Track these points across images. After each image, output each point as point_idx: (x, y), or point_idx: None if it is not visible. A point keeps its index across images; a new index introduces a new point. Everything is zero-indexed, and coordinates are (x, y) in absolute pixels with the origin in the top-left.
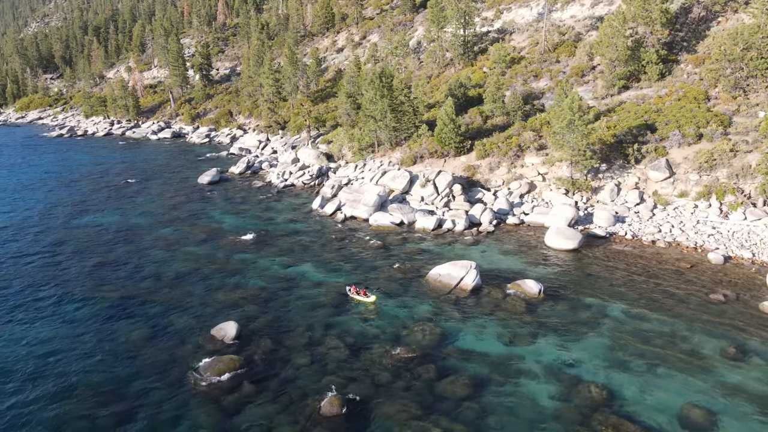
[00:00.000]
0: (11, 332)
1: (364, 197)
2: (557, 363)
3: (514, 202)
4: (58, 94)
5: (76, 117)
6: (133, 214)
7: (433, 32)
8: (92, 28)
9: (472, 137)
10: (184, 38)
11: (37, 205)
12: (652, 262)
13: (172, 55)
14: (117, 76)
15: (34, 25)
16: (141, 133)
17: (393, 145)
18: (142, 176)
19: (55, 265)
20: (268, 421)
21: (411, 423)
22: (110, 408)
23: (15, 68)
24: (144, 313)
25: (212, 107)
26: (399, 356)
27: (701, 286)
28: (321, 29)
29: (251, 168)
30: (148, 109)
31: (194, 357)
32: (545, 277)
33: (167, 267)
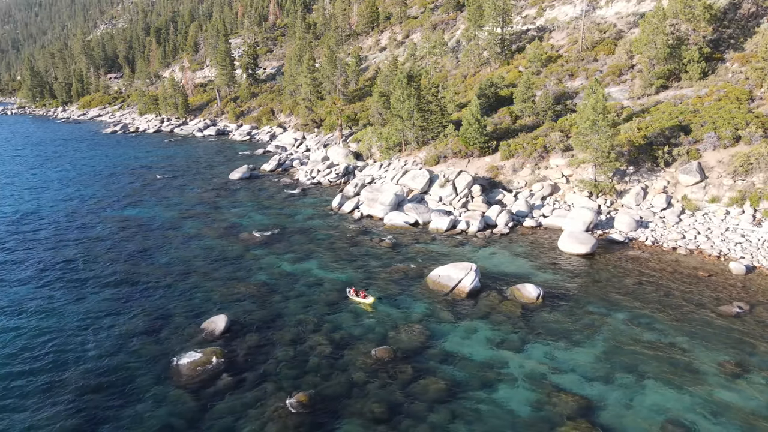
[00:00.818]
0: (8, 310)
1: (380, 196)
2: (541, 371)
3: (534, 204)
4: (117, 93)
5: (132, 114)
6: (160, 207)
7: (470, 31)
8: (154, 29)
9: (500, 137)
10: (235, 38)
11: (75, 196)
12: (667, 270)
13: (219, 54)
14: (171, 75)
15: (102, 27)
16: (188, 130)
17: (420, 144)
18: (177, 172)
19: (72, 250)
20: (236, 414)
21: (373, 424)
22: (89, 391)
23: (81, 68)
24: (144, 301)
25: (256, 105)
26: (379, 356)
27: (715, 297)
28: (365, 28)
29: (282, 165)
30: (196, 107)
31: (181, 348)
32: (550, 282)
33: (178, 259)
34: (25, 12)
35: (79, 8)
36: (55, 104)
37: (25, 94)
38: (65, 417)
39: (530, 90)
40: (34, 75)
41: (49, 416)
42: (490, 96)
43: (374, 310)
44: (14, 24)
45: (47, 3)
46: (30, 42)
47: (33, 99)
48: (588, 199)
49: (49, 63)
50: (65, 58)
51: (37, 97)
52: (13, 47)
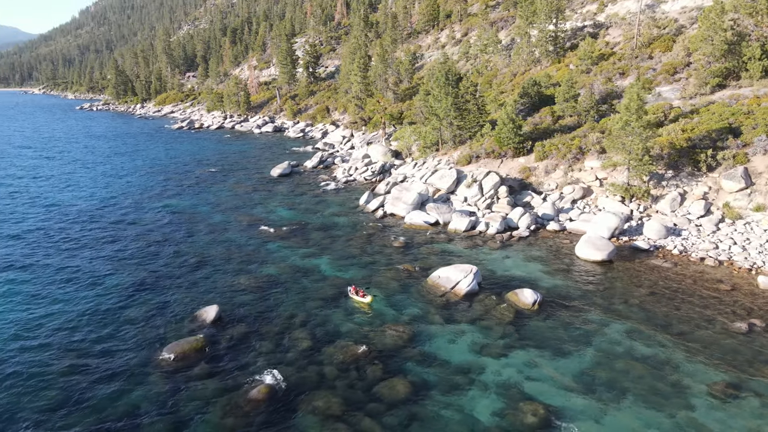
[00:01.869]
0: (19, 289)
1: (403, 195)
2: (516, 379)
3: (563, 208)
4: (189, 91)
5: (200, 111)
6: (197, 199)
7: (522, 28)
8: (230, 29)
9: (537, 138)
10: (301, 37)
11: (123, 187)
12: (686, 282)
13: (281, 53)
14: (241, 74)
15: (185, 28)
16: (247, 126)
17: (456, 143)
18: (225, 167)
19: (102, 233)
20: (203, 401)
21: (329, 420)
22: (74, 371)
23: (161, 67)
24: (151, 286)
25: (313, 103)
26: (354, 353)
27: (731, 312)
28: (425, 27)
29: (324, 162)
30: (258, 104)
31: (171, 334)
32: (555, 288)
33: (196, 249)
34: (119, 14)
35: (167, 10)
36: (136, 101)
37: (110, 91)
38: (43, 386)
39: (573, 89)
40: (119, 74)
41: (26, 383)
42: (532, 95)
43: (371, 309)
44: (109, 26)
45: (139, 5)
46: (122, 43)
47: (117, 96)
48: (621, 204)
49: (132, 62)
50: (147, 58)
51: (120, 95)
52: (107, 48)
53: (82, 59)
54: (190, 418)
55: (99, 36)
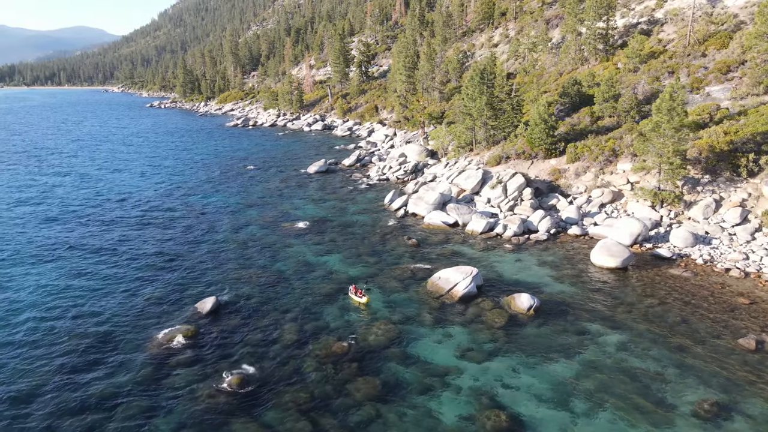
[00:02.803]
0: (35, 270)
1: (426, 195)
2: (493, 385)
3: (589, 212)
4: (250, 89)
5: (257, 109)
6: (232, 194)
7: (570, 25)
8: (294, 29)
9: (573, 139)
10: (359, 36)
11: (168, 179)
12: (703, 293)
13: (334, 52)
14: (290, 73)
15: (253, 28)
16: (298, 125)
17: (489, 144)
18: (267, 163)
19: (132, 223)
20: (179, 388)
21: (292, 414)
22: (66, 353)
23: (227, 66)
24: (161, 274)
25: (363, 102)
26: (335, 350)
27: (743, 327)
28: (479, 25)
29: (361, 161)
30: (310, 103)
31: (168, 323)
32: (558, 294)
33: (215, 241)
34: (193, 16)
35: (237, 12)
36: (201, 99)
37: (178, 90)
38: (35, 360)
39: (613, 89)
40: (186, 73)
41: (23, 356)
42: (573, 95)
43: (367, 309)
44: (184, 27)
45: (212, 7)
46: (195, 43)
47: (184, 94)
48: (651, 210)
49: (199, 62)
50: (214, 58)
51: (187, 93)
52: (181, 48)
53: (159, 59)
54: (162, 403)
55: (175, 37)
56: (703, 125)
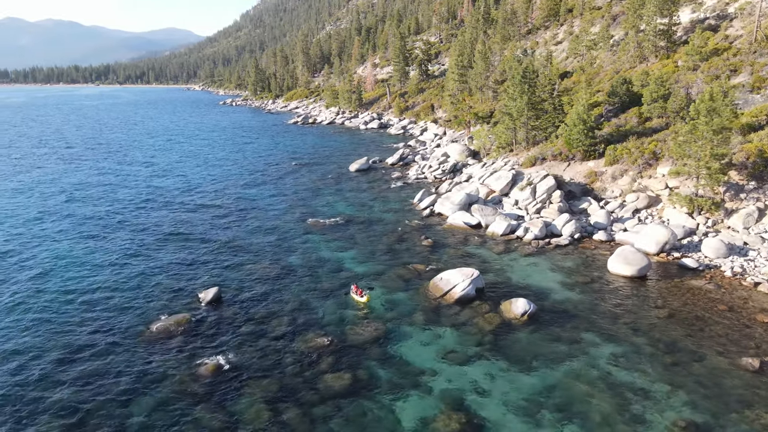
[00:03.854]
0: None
1: (453, 195)
2: (466, 389)
3: (621, 217)
4: (315, 88)
5: (320, 107)
6: (270, 189)
7: (630, 21)
8: (365, 29)
9: (616, 141)
10: (424, 35)
11: (215, 174)
12: (719, 307)
13: (394, 51)
14: (364, 71)
15: (328, 28)
16: (356, 123)
17: (529, 144)
18: (313, 160)
19: (164, 212)
20: (159, 373)
21: (259, 404)
22: (66, 330)
23: (297, 65)
24: (175, 263)
25: (420, 101)
26: (315, 344)
27: (753, 346)
28: (545, 22)
29: (404, 159)
30: (369, 101)
31: (169, 308)
32: (562, 301)
33: (238, 234)
34: (272, 17)
35: (314, 12)
36: (270, 97)
37: (249, 88)
38: (34, 330)
39: (662, 88)
40: (258, 72)
41: (25, 325)
42: (621, 95)
43: (367, 308)
44: (263, 28)
45: (290, 8)
46: (273, 43)
47: (254, 92)
48: (687, 217)
49: (271, 61)
50: (286, 57)
51: (258, 91)
52: (259, 48)
53: (238, 59)
54: (138, 385)
55: (254, 37)
56: (757, 127)
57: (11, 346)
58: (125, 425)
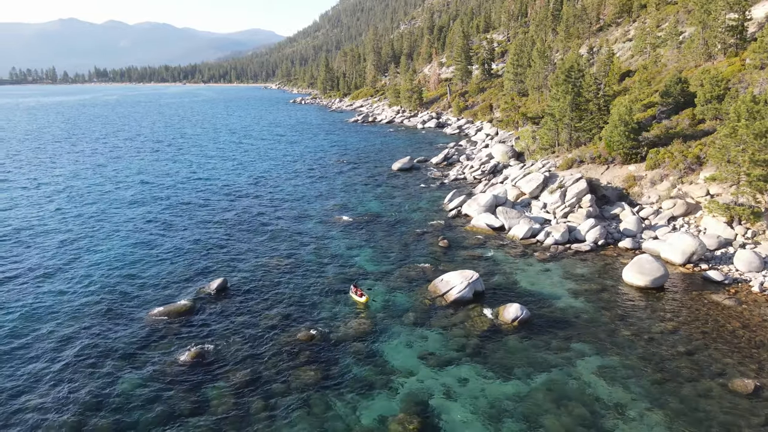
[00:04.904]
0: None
1: (480, 197)
2: (434, 392)
3: (655, 224)
4: (381, 87)
5: (383, 106)
6: (309, 185)
7: (696, 17)
8: (437, 27)
9: (662, 144)
10: (492, 34)
11: (262, 168)
12: (733, 324)
13: (456, 50)
14: (430, 70)
15: (402, 27)
16: (414, 122)
17: (572, 146)
18: (359, 158)
19: (197, 204)
20: (150, 354)
21: (230, 391)
22: (76, 309)
23: (367, 64)
24: (192, 253)
25: (480, 100)
26: (300, 338)
27: (756, 368)
28: (616, 18)
29: (448, 159)
30: (430, 100)
31: (176, 296)
32: (564, 309)
33: (262, 228)
34: (350, 17)
35: (390, 11)
36: (338, 96)
37: (319, 86)
38: (45, 304)
39: (717, 88)
40: (328, 71)
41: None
42: (675, 95)
43: (366, 308)
44: (341, 28)
45: (367, 8)
46: (349, 42)
47: (323, 91)
48: (726, 226)
49: (341, 60)
50: (356, 56)
51: (327, 90)
52: (336, 48)
53: (315, 58)
54: (125, 366)
55: (331, 37)
56: None
57: (27, 311)
58: (102, 400)
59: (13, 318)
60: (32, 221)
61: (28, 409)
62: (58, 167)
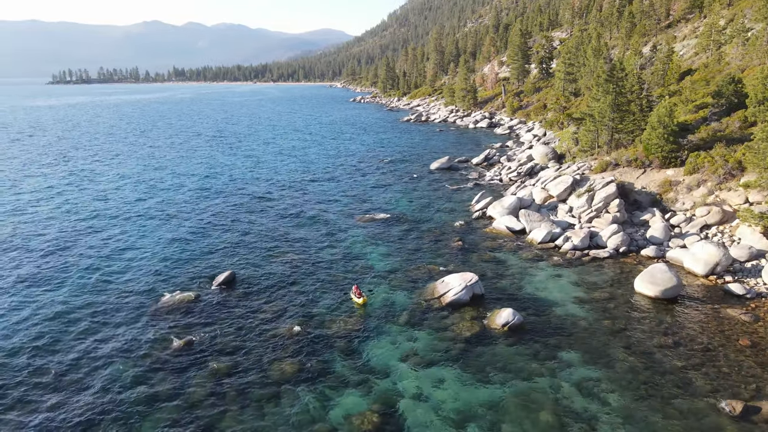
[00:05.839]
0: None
1: (505, 199)
2: (406, 393)
3: (685, 232)
4: (440, 86)
5: (439, 105)
6: (344, 183)
7: (762, 12)
8: (502, 25)
9: (709, 147)
10: (555, 32)
11: (303, 166)
12: (741, 342)
13: (512, 48)
14: (490, 69)
15: (469, 25)
16: (467, 121)
17: (611, 148)
18: (401, 157)
19: (230, 198)
20: (144, 339)
21: (209, 379)
22: (87, 292)
23: (428, 63)
24: (210, 245)
25: (535, 100)
26: (286, 332)
27: (753, 389)
28: (686, 14)
29: (489, 160)
30: (484, 100)
31: (185, 285)
32: (563, 317)
33: (284, 224)
34: (418, 16)
35: (458, 9)
36: (397, 95)
37: (379, 85)
38: (54, 288)
39: None
40: (388, 70)
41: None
42: (728, 96)
43: (363, 309)
44: (408, 27)
45: (435, 6)
46: (416, 41)
47: (384, 90)
48: (762, 237)
49: (402, 59)
50: (417, 56)
51: (387, 89)
52: (402, 47)
53: (381, 57)
54: (122, 347)
55: (398, 36)
56: None
57: (39, 293)
58: (89, 378)
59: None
60: (80, 206)
61: (24, 375)
62: (115, 161)
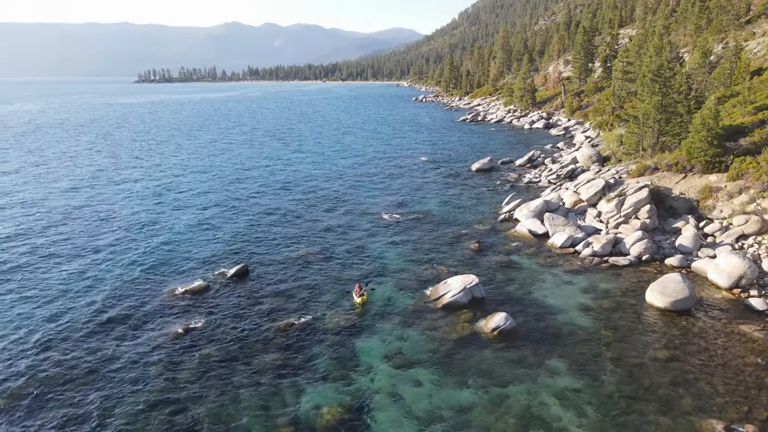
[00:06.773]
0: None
1: (532, 202)
2: (381, 390)
3: (717, 242)
4: (501, 86)
5: (498, 105)
6: (381, 183)
7: None
8: (574, 23)
9: (756, 152)
10: (626, 29)
11: (343, 164)
12: (749, 361)
13: (575, 47)
14: (554, 68)
15: (541, 23)
16: (523, 122)
17: (656, 150)
18: (445, 157)
19: (268, 189)
20: (148, 324)
21: (200, 364)
22: (104, 278)
23: (494, 62)
24: (232, 235)
25: (596, 100)
26: (278, 325)
27: (744, 410)
28: (766, 8)
29: (533, 161)
30: (543, 100)
31: (198, 276)
32: (562, 325)
33: (308, 219)
34: (489, 14)
35: (530, 7)
36: (459, 94)
37: (442, 85)
38: (77, 274)
39: None
40: (452, 69)
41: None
42: None
43: (361, 308)
44: (479, 25)
45: (507, 4)
46: (485, 40)
47: (446, 89)
48: None
49: (467, 58)
50: (483, 55)
51: (449, 88)
52: (471, 45)
53: (450, 56)
54: (129, 332)
55: (468, 35)
56: None
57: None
58: (95, 354)
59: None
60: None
61: (29, 348)
62: (180, 157)
